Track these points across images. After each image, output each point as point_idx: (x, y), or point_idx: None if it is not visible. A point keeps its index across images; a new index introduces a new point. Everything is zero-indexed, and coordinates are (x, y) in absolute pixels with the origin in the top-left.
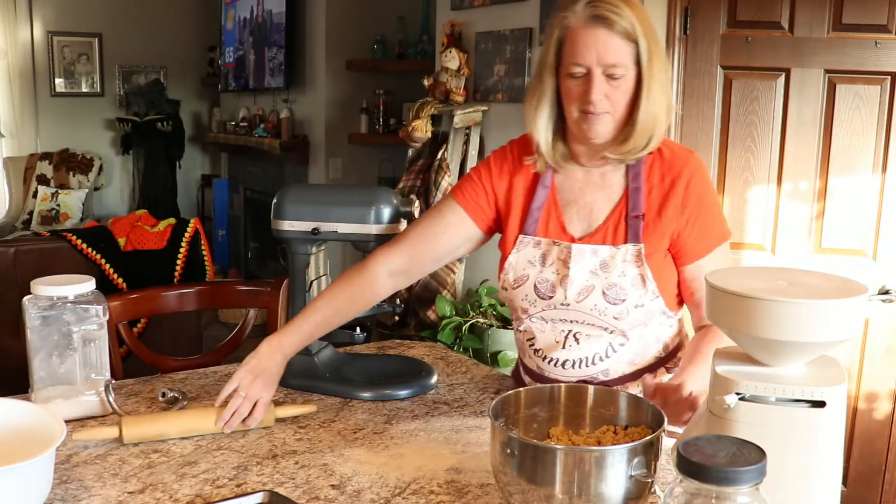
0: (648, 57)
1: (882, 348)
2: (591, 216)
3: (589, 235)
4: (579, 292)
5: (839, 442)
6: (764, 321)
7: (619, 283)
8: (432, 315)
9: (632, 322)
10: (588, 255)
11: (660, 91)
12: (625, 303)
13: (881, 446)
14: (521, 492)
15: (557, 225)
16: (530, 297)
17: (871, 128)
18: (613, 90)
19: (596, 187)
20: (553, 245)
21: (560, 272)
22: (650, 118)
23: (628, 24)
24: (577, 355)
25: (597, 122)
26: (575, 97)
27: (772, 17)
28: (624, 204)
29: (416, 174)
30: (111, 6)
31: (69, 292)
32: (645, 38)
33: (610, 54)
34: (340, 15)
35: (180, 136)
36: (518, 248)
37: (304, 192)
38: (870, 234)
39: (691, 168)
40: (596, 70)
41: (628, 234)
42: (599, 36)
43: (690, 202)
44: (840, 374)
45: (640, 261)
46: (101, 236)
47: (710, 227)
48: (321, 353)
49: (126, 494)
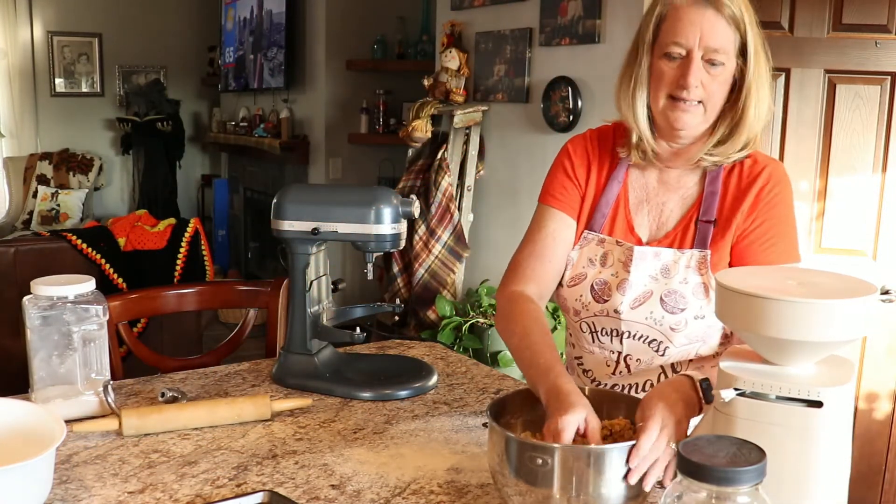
0: (755, 50)
1: (882, 348)
2: (660, 218)
3: (657, 240)
4: (635, 299)
5: (843, 442)
6: (773, 321)
7: (679, 290)
8: (432, 315)
9: (690, 336)
10: (650, 258)
11: (766, 87)
12: (684, 312)
13: (881, 446)
14: (520, 493)
15: (625, 224)
16: (585, 297)
17: (871, 128)
18: (711, 79)
19: (670, 189)
20: (616, 245)
21: (619, 275)
22: (758, 118)
23: (737, 10)
24: (627, 381)
25: (686, 111)
26: (667, 81)
27: (772, 17)
28: (696, 208)
29: (416, 174)
30: (111, 6)
31: (69, 292)
32: (751, 28)
33: (715, 37)
34: (340, 15)
35: (180, 136)
36: (581, 245)
37: (304, 192)
38: (870, 234)
39: (769, 174)
40: (696, 52)
41: (696, 239)
42: (707, 15)
43: (760, 206)
44: (846, 375)
45: (705, 268)
46: (101, 236)
47: (775, 239)
48: (321, 353)
49: (126, 494)
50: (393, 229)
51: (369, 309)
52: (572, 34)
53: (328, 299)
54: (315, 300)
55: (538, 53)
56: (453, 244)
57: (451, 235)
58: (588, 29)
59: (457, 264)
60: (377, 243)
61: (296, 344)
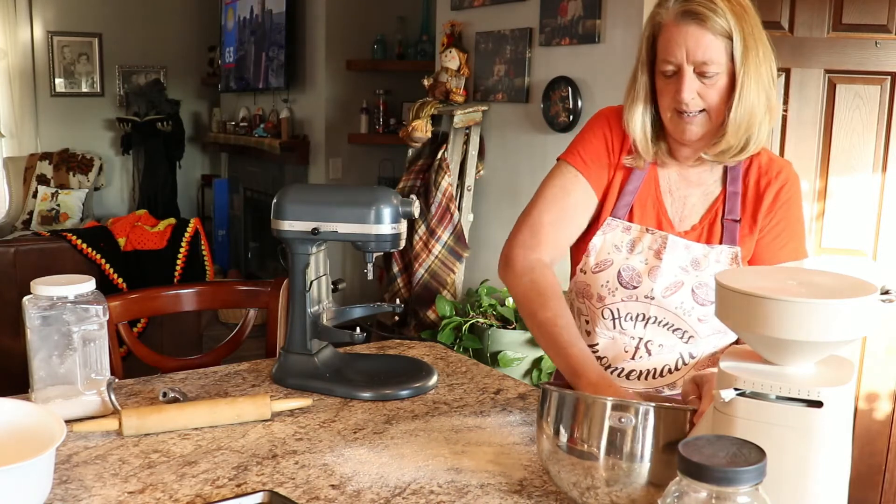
0: (743, 51)
1: (882, 348)
2: (683, 210)
3: (683, 232)
4: (667, 287)
5: (843, 443)
6: (773, 321)
7: (709, 283)
8: (432, 315)
9: (714, 326)
10: (681, 249)
11: (756, 88)
12: (714, 305)
13: (881, 446)
14: (572, 465)
15: (656, 212)
16: (611, 283)
17: (871, 128)
18: (707, 88)
19: (691, 184)
20: (646, 233)
21: (650, 262)
22: (743, 117)
23: (722, 18)
24: (645, 366)
25: (690, 122)
26: (668, 95)
27: (772, 17)
28: (720, 205)
29: (416, 174)
30: (111, 6)
31: (69, 292)
32: (741, 32)
33: (700, 51)
34: (340, 15)
35: (180, 136)
36: (604, 231)
37: (304, 192)
38: (870, 234)
39: (785, 175)
40: (686, 68)
41: (724, 236)
42: (690, 32)
43: (777, 206)
44: (846, 375)
45: (737, 264)
46: (101, 236)
47: (788, 238)
48: (321, 353)
49: (126, 494)
50: (393, 229)
51: (369, 309)
52: (572, 34)
53: (328, 299)
54: (315, 300)
55: (538, 53)
56: (453, 244)
57: (451, 235)
58: (588, 29)
59: (457, 264)
60: (377, 243)
61: (296, 344)
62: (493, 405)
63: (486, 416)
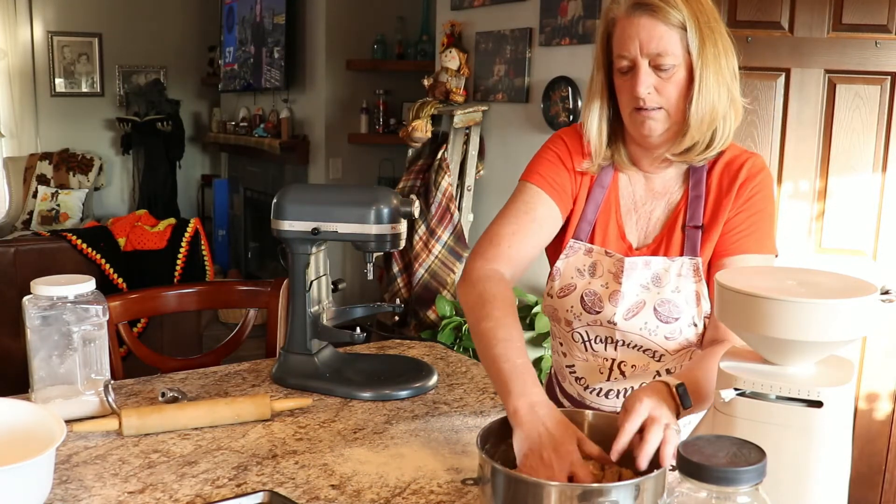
0: (700, 42)
1: (882, 348)
2: (648, 226)
3: (645, 246)
4: (629, 309)
5: (843, 443)
6: (773, 321)
7: (672, 299)
8: (432, 315)
9: (682, 343)
10: (640, 267)
11: (716, 81)
12: (678, 322)
13: (881, 446)
14: None
15: (617, 232)
16: (576, 309)
17: (871, 128)
18: (664, 83)
19: (657, 196)
20: (605, 256)
21: (610, 286)
22: (705, 109)
23: (675, 9)
24: (622, 385)
25: (649, 119)
26: (625, 93)
27: (772, 17)
28: (682, 212)
29: (416, 174)
30: (111, 6)
31: (69, 292)
32: (696, 23)
33: (654, 43)
34: (340, 15)
35: (180, 136)
36: (567, 254)
37: (304, 192)
38: (870, 234)
39: (749, 168)
40: (641, 61)
41: (685, 246)
42: (643, 24)
43: (741, 201)
44: (846, 375)
45: (699, 276)
46: (101, 236)
47: (750, 230)
48: (321, 353)
49: (126, 494)
50: (393, 229)
51: (369, 309)
52: (572, 34)
53: (328, 299)
54: (315, 300)
55: (538, 53)
56: (453, 244)
57: (451, 235)
58: (588, 29)
59: (457, 264)
60: (377, 243)
61: (296, 344)
62: (494, 405)
63: (486, 416)
